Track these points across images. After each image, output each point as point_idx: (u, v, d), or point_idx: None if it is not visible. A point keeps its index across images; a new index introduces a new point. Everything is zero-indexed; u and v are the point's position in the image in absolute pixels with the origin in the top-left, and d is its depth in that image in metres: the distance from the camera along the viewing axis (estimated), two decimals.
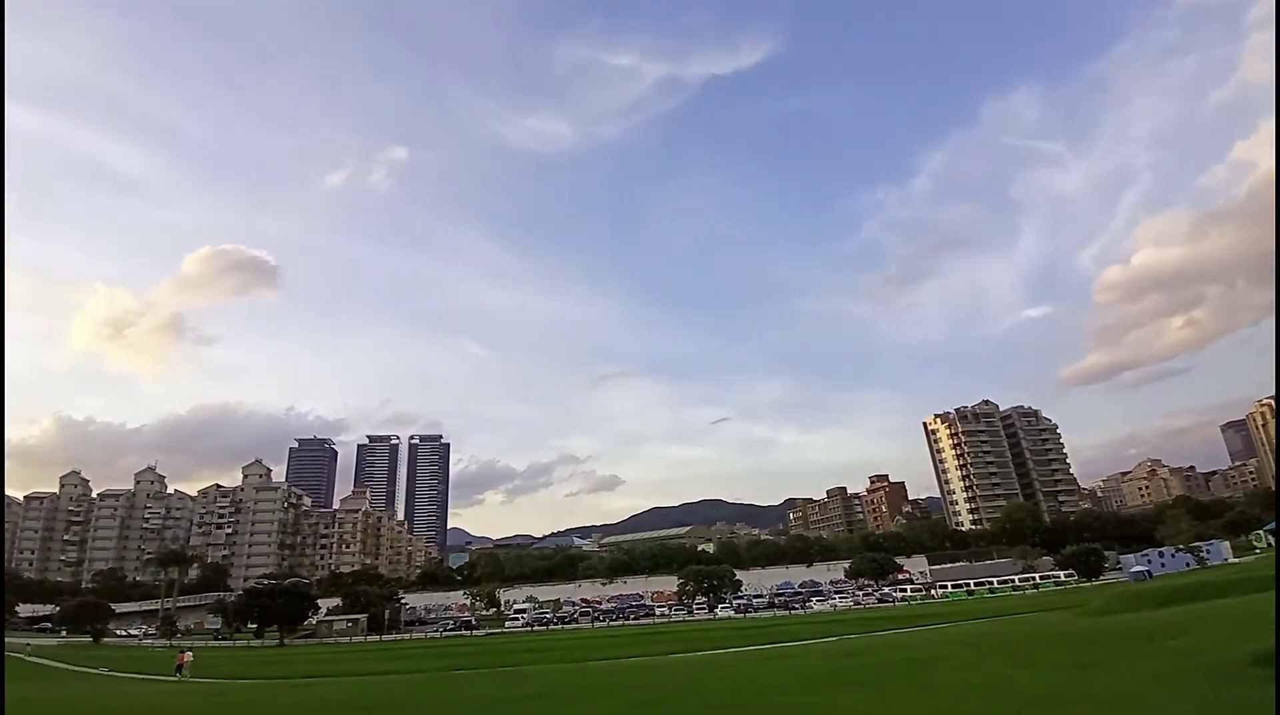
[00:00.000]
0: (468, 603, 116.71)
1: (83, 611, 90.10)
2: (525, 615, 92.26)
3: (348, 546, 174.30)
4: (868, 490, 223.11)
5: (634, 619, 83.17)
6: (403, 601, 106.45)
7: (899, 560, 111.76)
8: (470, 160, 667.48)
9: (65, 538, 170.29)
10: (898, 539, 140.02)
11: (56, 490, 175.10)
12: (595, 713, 15.90)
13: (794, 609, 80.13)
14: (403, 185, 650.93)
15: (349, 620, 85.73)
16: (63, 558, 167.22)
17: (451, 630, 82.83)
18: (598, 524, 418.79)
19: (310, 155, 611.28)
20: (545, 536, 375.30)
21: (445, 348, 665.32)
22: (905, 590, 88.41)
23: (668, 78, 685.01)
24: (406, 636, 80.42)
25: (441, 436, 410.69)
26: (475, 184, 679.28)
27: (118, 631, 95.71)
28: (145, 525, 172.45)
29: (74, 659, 55.23)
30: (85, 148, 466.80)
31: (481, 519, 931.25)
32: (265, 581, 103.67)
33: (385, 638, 78.33)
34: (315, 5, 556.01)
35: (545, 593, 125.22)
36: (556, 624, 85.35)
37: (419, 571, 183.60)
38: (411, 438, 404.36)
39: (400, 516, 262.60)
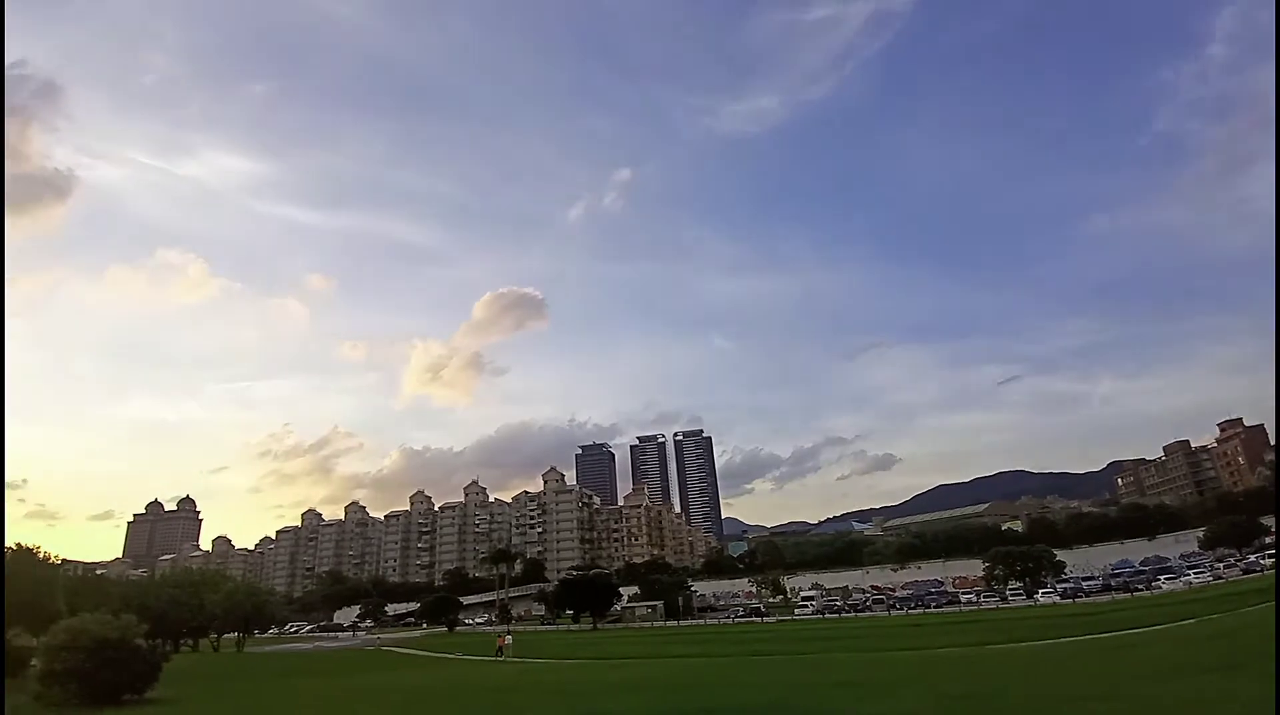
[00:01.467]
0: (753, 590, 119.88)
1: (437, 606, 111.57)
2: (814, 602, 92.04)
3: (636, 539, 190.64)
4: (1217, 440, 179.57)
5: (935, 607, 77.95)
6: (693, 589, 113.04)
7: (1265, 521, 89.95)
8: (689, 160, 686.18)
9: (419, 546, 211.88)
10: (1262, 496, 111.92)
11: (408, 508, 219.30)
12: (908, 703, 15.29)
13: (1137, 590, 68.11)
14: (633, 201, 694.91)
15: (649, 606, 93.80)
16: (418, 562, 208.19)
17: (742, 616, 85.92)
18: (877, 507, 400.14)
19: (552, 196, 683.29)
20: (821, 522, 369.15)
21: (695, 345, 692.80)
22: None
23: (873, 12, 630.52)
24: (701, 622, 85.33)
25: (702, 431, 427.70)
26: (697, 182, 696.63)
27: (466, 621, 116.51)
28: (476, 530, 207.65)
29: (434, 646, 67.71)
30: (391, 232, 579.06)
31: (753, 508, 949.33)
32: (573, 573, 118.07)
33: (682, 623, 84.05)
34: (523, 60, 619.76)
35: (830, 579, 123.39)
36: (849, 611, 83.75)
37: (702, 560, 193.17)
38: (675, 435, 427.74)
39: (677, 509, 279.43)
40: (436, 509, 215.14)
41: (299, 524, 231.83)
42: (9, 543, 61.75)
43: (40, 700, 32.24)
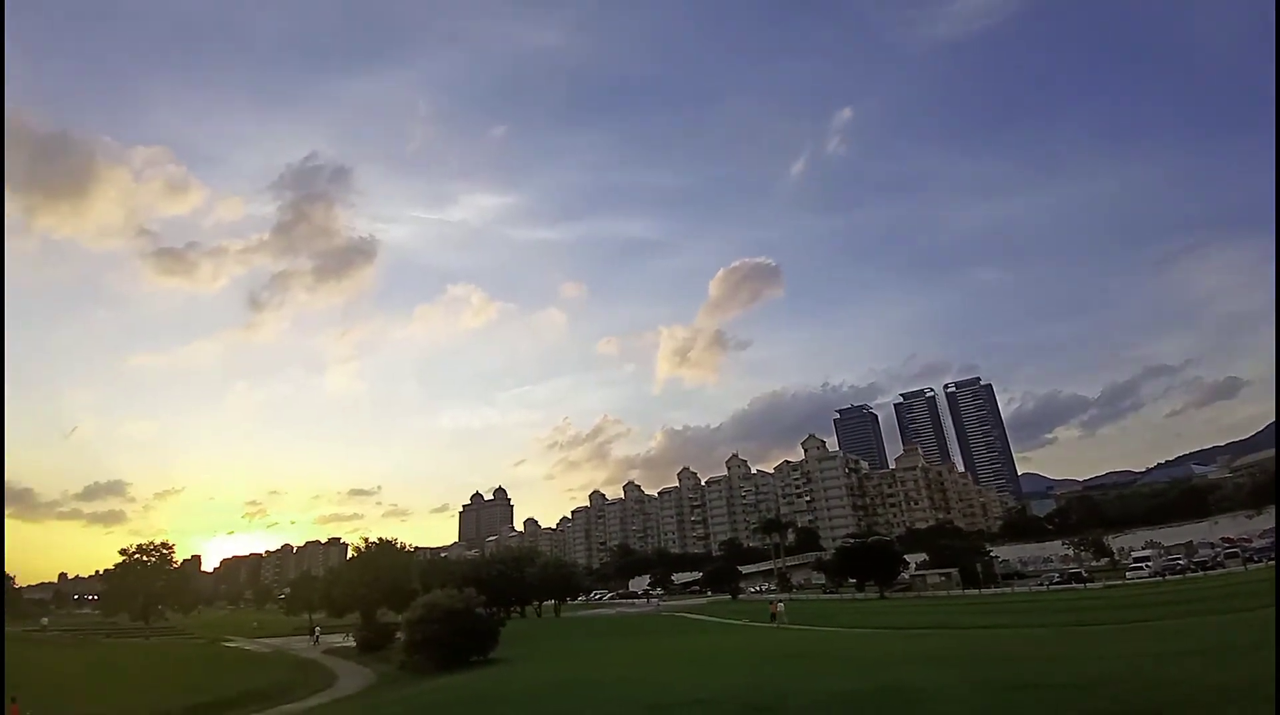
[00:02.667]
0: (1069, 552, 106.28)
1: (718, 575, 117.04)
2: (1149, 563, 78.34)
3: (915, 503, 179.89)
4: None
5: None
6: (992, 554, 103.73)
7: None
8: (912, 78, 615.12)
9: (692, 519, 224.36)
10: None
11: (677, 484, 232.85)
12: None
13: None
14: (858, 142, 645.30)
15: (941, 574, 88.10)
16: (693, 534, 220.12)
17: (1058, 583, 76.46)
18: (1221, 444, 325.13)
19: (771, 159, 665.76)
20: (1149, 470, 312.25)
21: (954, 285, 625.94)
22: None
23: None
24: (1008, 590, 77.87)
25: (979, 378, 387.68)
26: (926, 101, 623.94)
27: (748, 589, 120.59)
28: (743, 501, 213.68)
29: (719, 612, 71.27)
30: (625, 231, 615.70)
31: (1057, 460, 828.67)
32: (850, 540, 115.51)
33: (984, 592, 77.53)
34: (711, 31, 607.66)
35: (1168, 535, 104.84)
36: (1195, 570, 69.93)
37: (999, 523, 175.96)
38: (947, 387, 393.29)
39: (960, 468, 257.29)
40: (704, 483, 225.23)
41: (588, 504, 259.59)
42: (372, 537, 78.73)
43: (405, 668, 40.73)
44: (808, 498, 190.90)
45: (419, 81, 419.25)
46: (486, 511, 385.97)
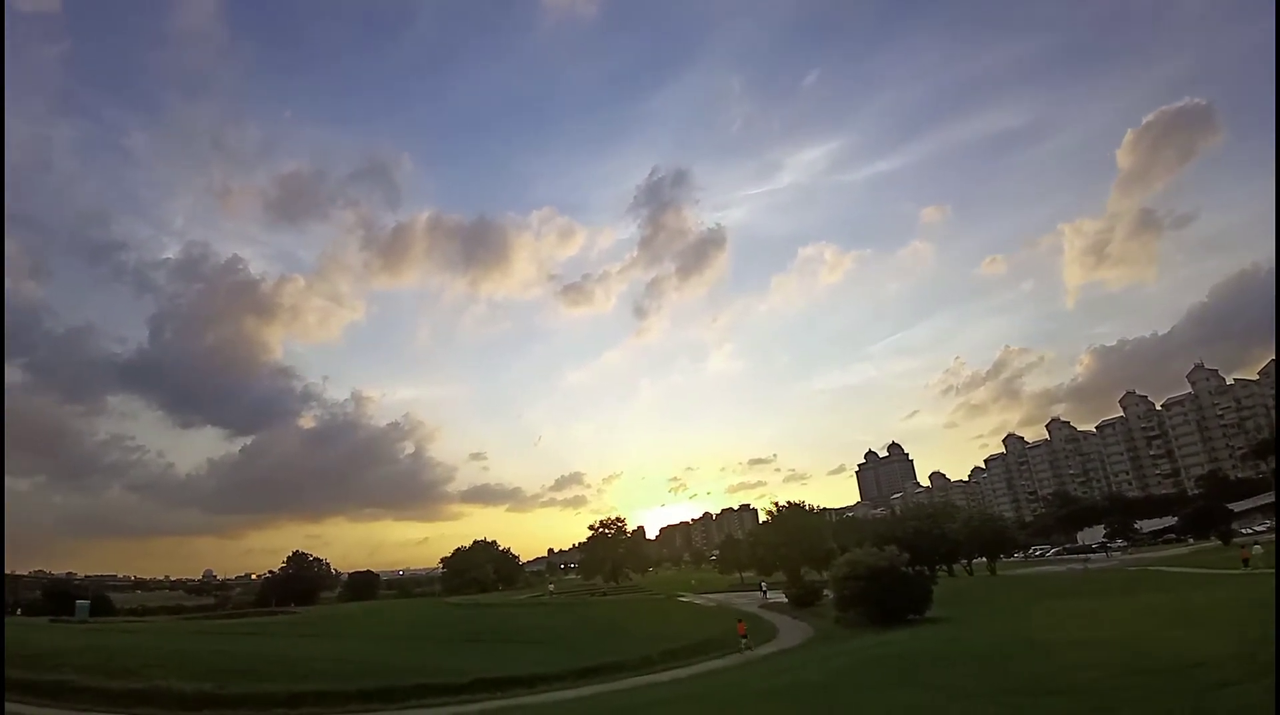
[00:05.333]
0: None
1: (1199, 517, 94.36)
2: None
3: None
4: None
5: None
6: None
7: None
8: None
9: (1150, 453, 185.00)
10: None
11: (1120, 413, 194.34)
12: None
13: None
14: None
15: None
16: (1155, 471, 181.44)
17: None
18: None
19: None
20: None
21: None
22: None
23: None
24: None
25: None
26: None
27: (1242, 531, 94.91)
28: (1220, 422, 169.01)
29: (1208, 563, 58.02)
30: (982, 127, 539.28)
31: None
32: None
33: None
34: None
35: None
36: None
37: None
38: None
39: None
40: (1159, 407, 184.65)
41: (1004, 450, 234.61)
42: (781, 501, 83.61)
43: (839, 623, 42.28)
44: None
45: (727, 61, 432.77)
46: (885, 468, 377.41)
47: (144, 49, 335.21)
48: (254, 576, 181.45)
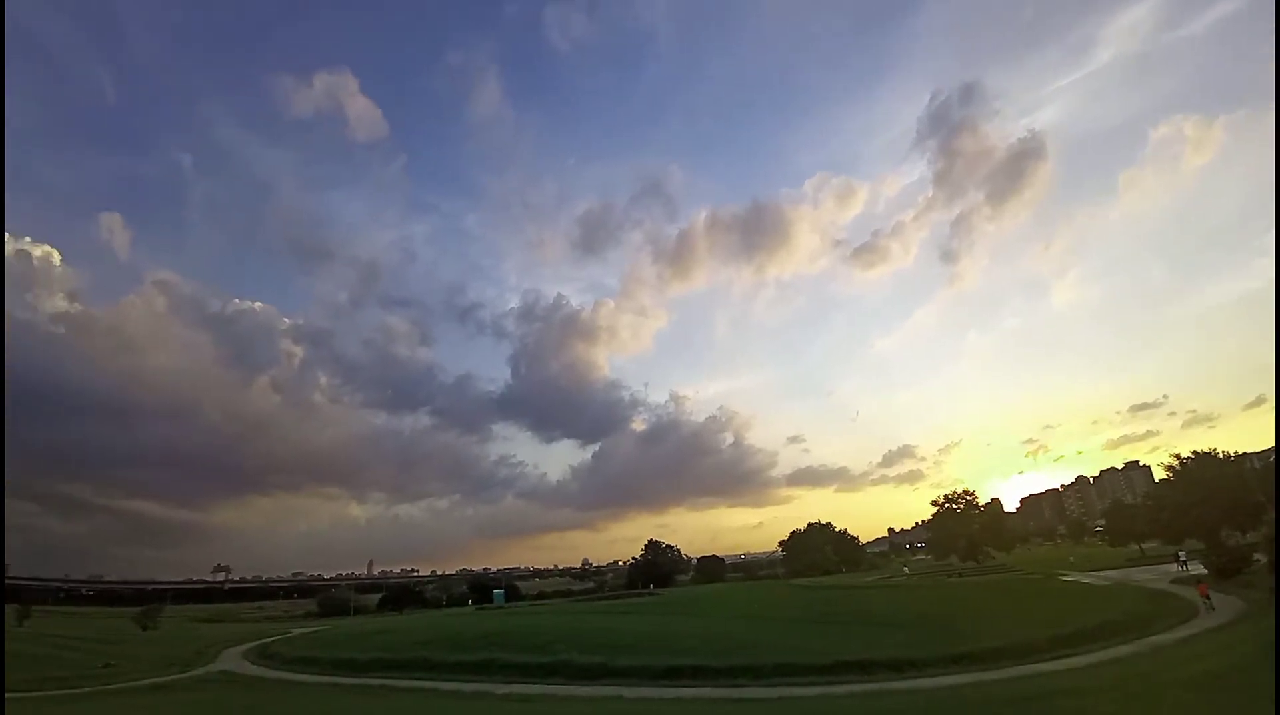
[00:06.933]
0: None
1: None
2: None
3: None
4: None
5: None
6: None
7: None
8: None
9: None
10: None
11: None
12: None
13: None
14: None
15: None
16: None
17: None
18: None
19: None
20: None
21: None
22: None
23: None
24: None
25: None
26: None
27: None
28: None
29: None
30: None
31: None
32: None
33: None
34: None
35: None
36: None
37: None
38: None
39: None
40: None
41: None
42: (1184, 453, 68.19)
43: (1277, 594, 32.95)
44: None
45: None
46: None
47: (458, 143, 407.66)
48: (620, 563, 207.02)
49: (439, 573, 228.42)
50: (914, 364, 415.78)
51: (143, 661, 40.55)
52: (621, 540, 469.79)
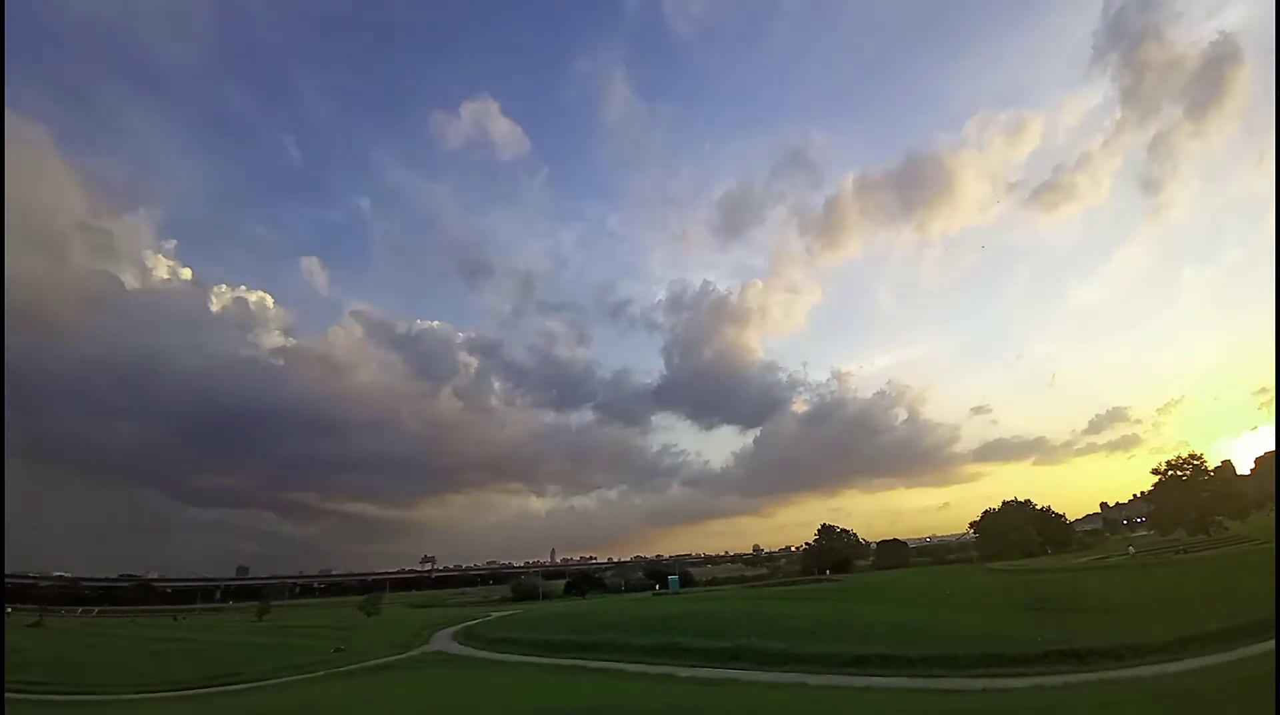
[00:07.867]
0: None
1: None
2: None
3: None
4: None
5: None
6: None
7: None
8: None
9: None
10: None
11: None
12: None
13: None
14: None
15: None
16: None
17: None
18: None
19: None
20: None
21: None
22: None
23: None
24: None
25: None
26: None
27: None
28: None
29: None
30: None
31: None
32: None
33: None
34: None
35: None
36: None
37: None
38: None
39: None
40: None
41: None
42: None
43: None
44: None
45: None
46: None
47: (595, 148, 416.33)
48: (793, 548, 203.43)
49: (615, 560, 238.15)
50: (1118, 313, 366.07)
51: (368, 645, 45.98)
52: (791, 525, 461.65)
